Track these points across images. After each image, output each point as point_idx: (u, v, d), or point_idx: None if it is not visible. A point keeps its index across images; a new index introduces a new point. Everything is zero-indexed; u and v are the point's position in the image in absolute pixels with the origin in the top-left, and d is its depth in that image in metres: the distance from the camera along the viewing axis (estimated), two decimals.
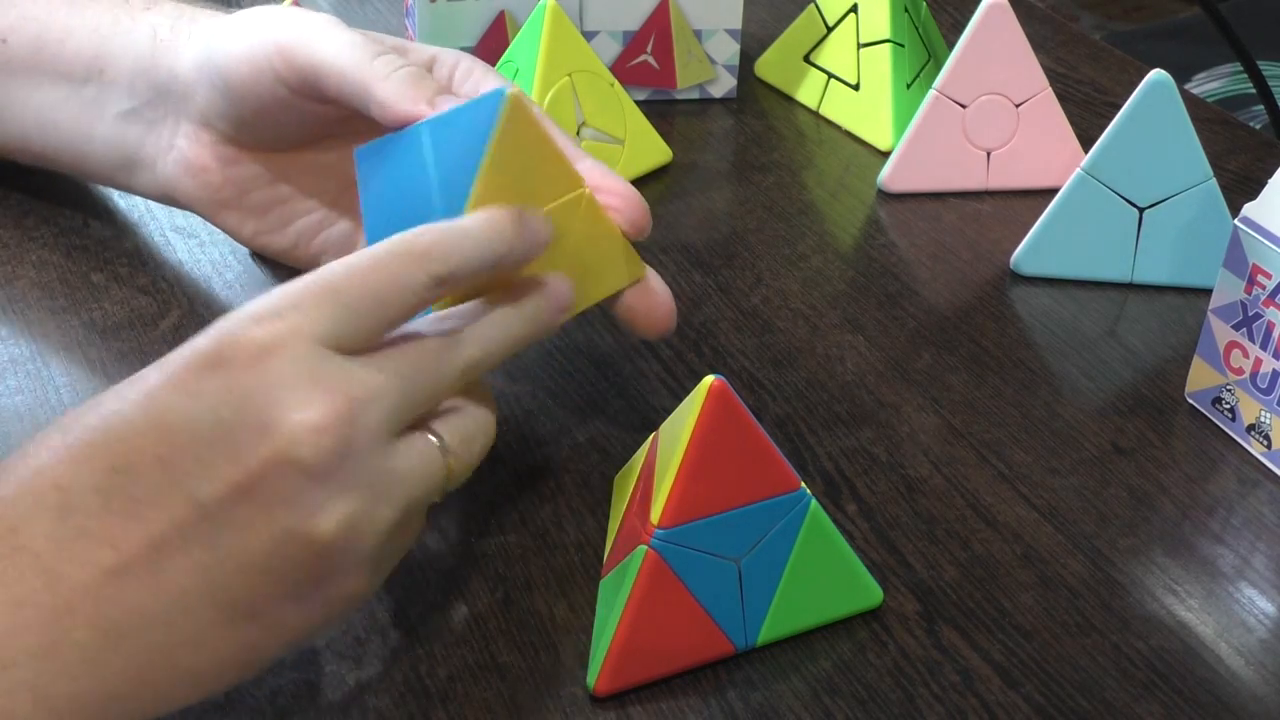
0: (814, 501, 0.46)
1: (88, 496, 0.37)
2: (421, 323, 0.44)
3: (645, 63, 0.79)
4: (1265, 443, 0.57)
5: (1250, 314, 0.57)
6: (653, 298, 0.53)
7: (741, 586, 0.45)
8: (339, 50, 0.51)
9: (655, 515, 0.44)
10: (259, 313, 0.40)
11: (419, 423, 0.43)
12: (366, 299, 0.41)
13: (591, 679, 0.45)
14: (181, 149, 0.58)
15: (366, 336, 0.41)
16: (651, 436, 0.49)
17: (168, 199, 0.60)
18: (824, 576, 0.47)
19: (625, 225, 0.52)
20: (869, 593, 0.48)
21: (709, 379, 0.43)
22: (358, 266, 0.42)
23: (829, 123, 0.80)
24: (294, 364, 0.39)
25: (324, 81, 0.52)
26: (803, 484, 0.45)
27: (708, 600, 0.45)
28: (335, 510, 0.39)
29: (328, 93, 0.52)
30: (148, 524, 0.37)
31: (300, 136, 0.57)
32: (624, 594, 0.44)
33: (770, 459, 0.45)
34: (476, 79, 0.54)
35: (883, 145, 0.77)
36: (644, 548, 0.44)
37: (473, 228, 0.44)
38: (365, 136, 0.52)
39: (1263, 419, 0.57)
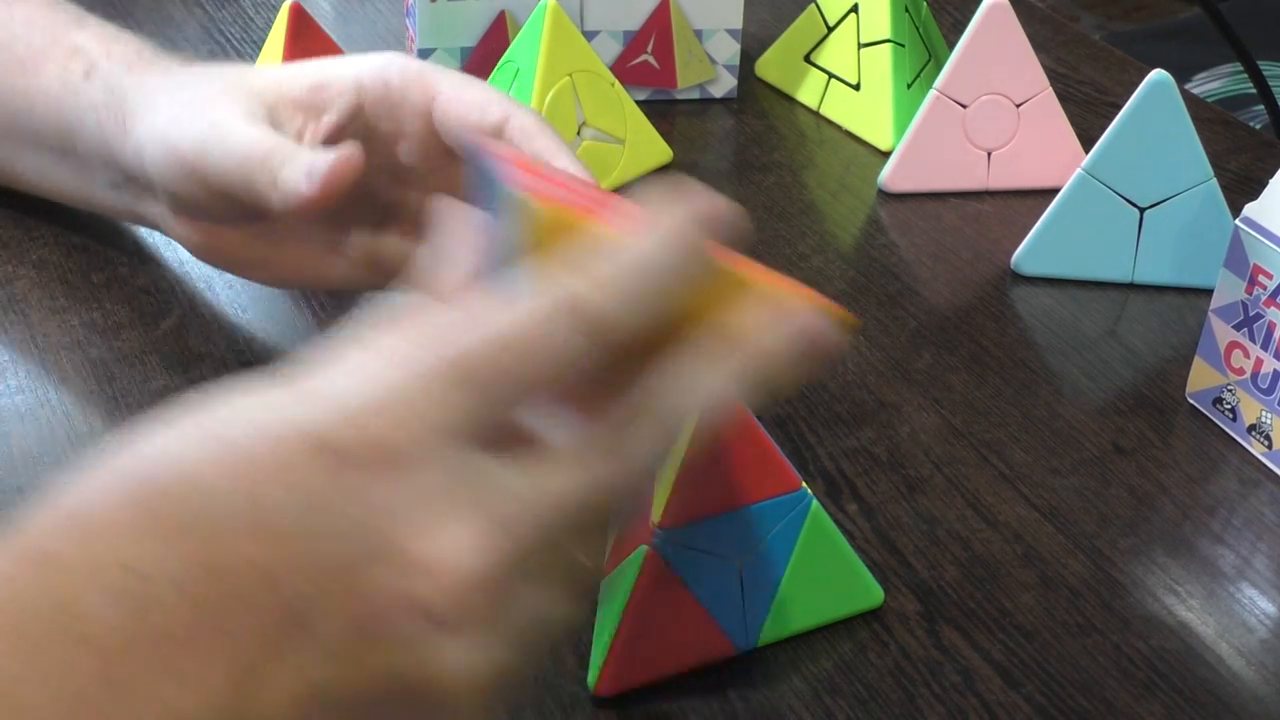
0: (815, 502, 0.46)
1: (172, 593, 0.30)
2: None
3: (646, 63, 0.79)
4: (1266, 443, 0.57)
5: (1251, 314, 0.56)
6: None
7: (742, 587, 0.45)
8: (230, 165, 0.50)
9: (656, 515, 0.44)
10: (385, 400, 0.32)
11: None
12: (511, 378, 0.33)
13: (592, 679, 0.45)
14: (171, 223, 0.56)
15: (508, 417, 0.33)
16: None
17: None
18: (825, 577, 0.47)
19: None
20: (870, 593, 0.48)
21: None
22: (500, 334, 0.33)
23: (829, 123, 0.80)
24: (427, 475, 0.32)
25: (224, 190, 0.50)
26: (804, 484, 0.45)
27: (709, 600, 0.45)
28: (458, 658, 0.32)
29: (234, 194, 0.50)
30: (241, 643, 0.30)
31: (252, 214, 0.53)
32: (624, 594, 0.44)
33: (771, 458, 0.45)
34: (425, 88, 0.51)
35: (883, 145, 0.77)
36: (644, 548, 0.44)
37: (650, 258, 0.34)
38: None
39: (1263, 419, 0.57)
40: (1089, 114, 0.81)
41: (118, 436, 0.33)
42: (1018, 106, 0.72)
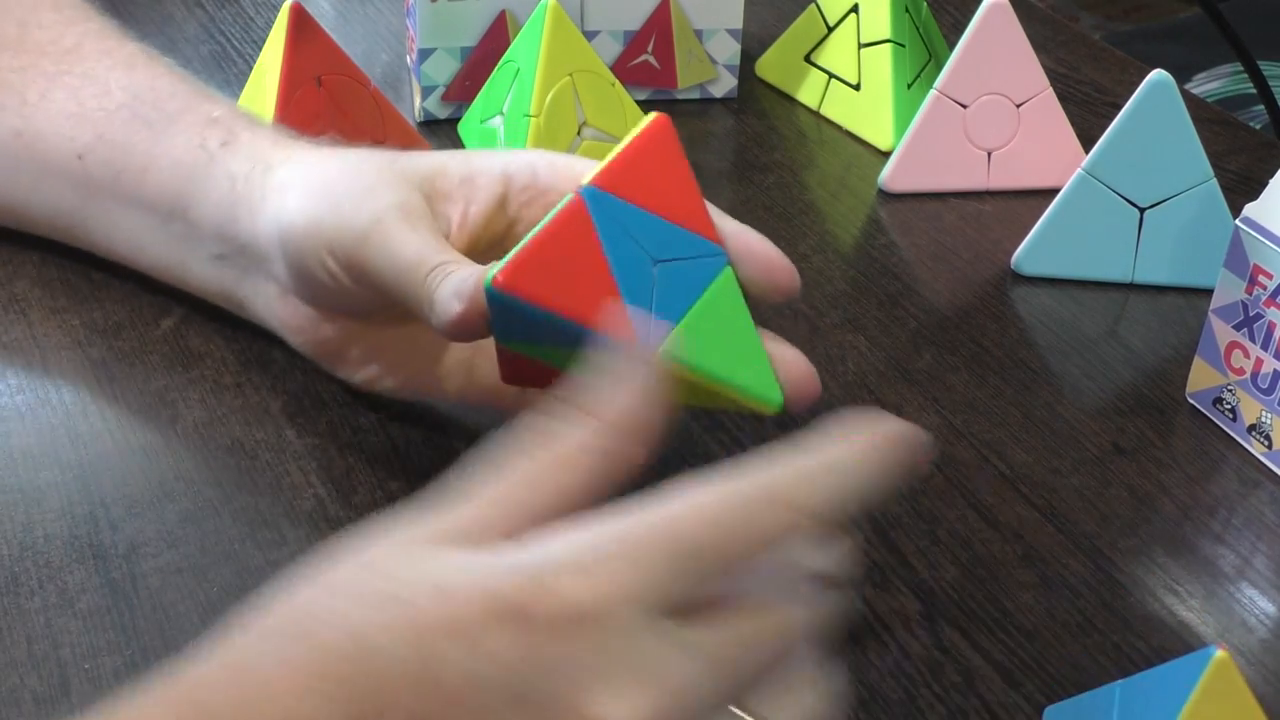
0: (730, 267, 0.47)
1: None
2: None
3: (646, 63, 0.79)
4: (1266, 443, 0.57)
5: (1251, 314, 0.56)
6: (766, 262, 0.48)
7: (654, 287, 0.45)
8: (389, 268, 0.46)
9: (588, 177, 0.45)
10: (583, 559, 0.32)
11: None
12: (713, 553, 0.33)
13: (490, 275, 0.43)
14: (274, 306, 0.54)
15: (700, 591, 0.34)
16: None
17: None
18: (729, 338, 0.47)
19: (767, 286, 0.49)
20: (768, 385, 0.47)
21: (654, 116, 0.47)
22: (711, 511, 0.33)
23: (829, 123, 0.80)
24: (615, 640, 0.32)
25: (374, 285, 0.47)
26: (723, 250, 0.47)
27: (618, 270, 0.44)
28: None
29: (381, 292, 0.47)
30: None
31: (384, 308, 0.51)
32: (538, 225, 0.44)
33: (697, 201, 0.47)
34: (569, 179, 0.49)
35: (883, 145, 0.77)
36: (571, 194, 0.44)
37: (847, 462, 0.36)
38: None
39: (1264, 419, 0.57)
40: (1089, 114, 0.81)
41: (285, 581, 0.34)
42: (1018, 106, 0.72)
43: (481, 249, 0.50)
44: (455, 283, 0.44)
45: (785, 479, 0.34)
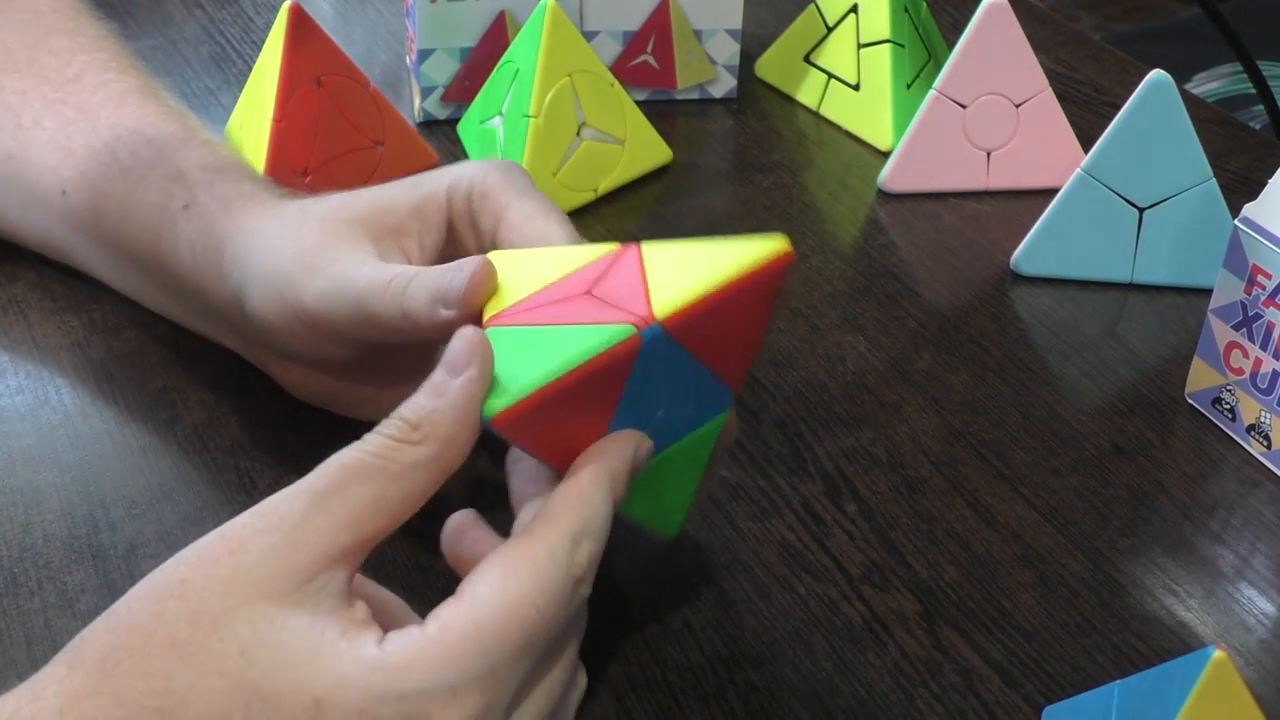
0: (727, 412, 0.45)
1: None
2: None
3: (645, 63, 0.79)
4: (1265, 443, 0.57)
5: (1250, 314, 0.57)
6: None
7: (644, 428, 0.43)
8: (349, 309, 0.46)
9: (661, 310, 0.39)
10: (454, 681, 0.36)
11: None
12: (550, 642, 0.39)
13: (491, 411, 0.39)
14: (261, 361, 0.55)
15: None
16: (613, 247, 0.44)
17: None
18: (663, 476, 0.45)
19: None
20: (671, 522, 0.47)
21: (778, 245, 0.40)
22: (547, 607, 0.38)
23: (829, 123, 0.80)
24: None
25: (343, 333, 0.47)
26: (732, 394, 0.44)
27: (621, 413, 0.42)
28: None
29: (351, 334, 0.47)
30: None
31: (365, 351, 0.50)
32: (570, 354, 0.39)
33: (753, 346, 0.43)
34: (493, 208, 0.48)
35: (883, 145, 0.77)
36: (630, 328, 0.39)
37: (604, 511, 0.40)
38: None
39: (1263, 419, 0.57)
40: (1088, 114, 0.81)
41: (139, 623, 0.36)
42: (1017, 107, 0.72)
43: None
44: (430, 285, 0.44)
45: (568, 550, 0.38)
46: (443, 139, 0.76)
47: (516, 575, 0.37)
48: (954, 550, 0.52)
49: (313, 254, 0.47)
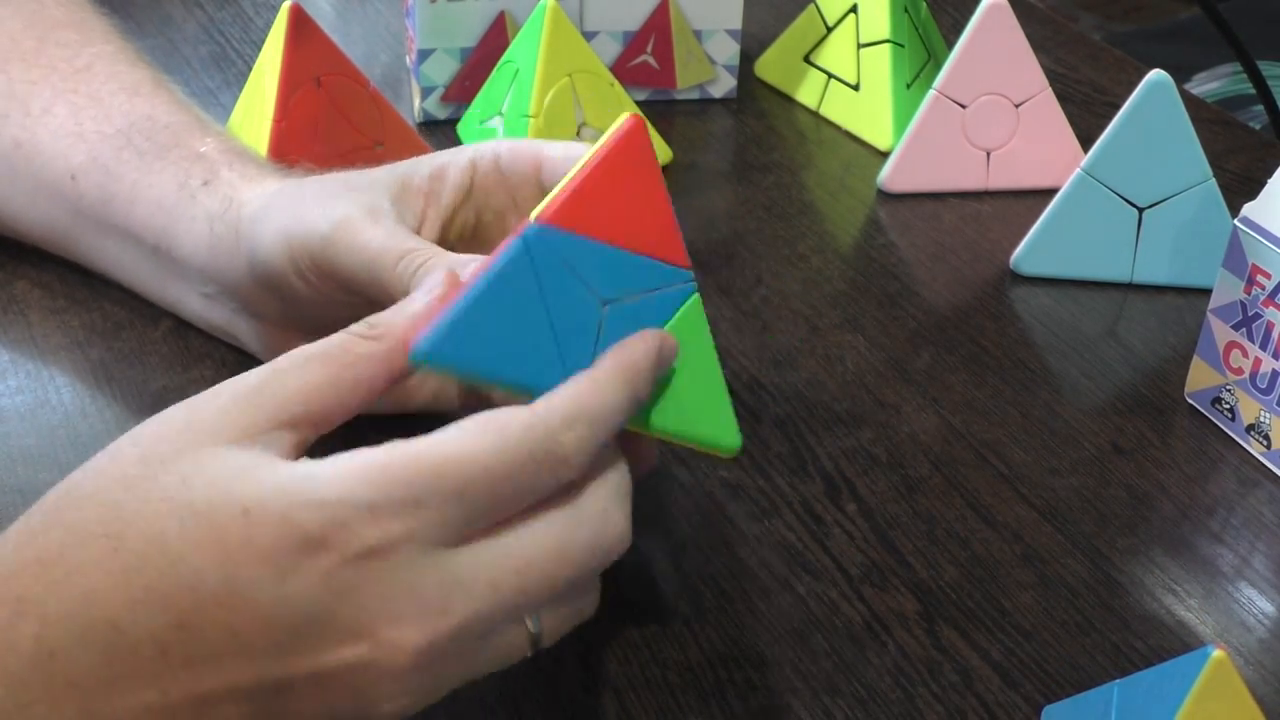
0: (698, 295, 0.45)
1: (144, 645, 0.34)
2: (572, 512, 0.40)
3: (645, 63, 0.79)
4: (1265, 443, 0.57)
5: (1250, 314, 0.57)
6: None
7: (599, 334, 0.42)
8: (357, 263, 0.47)
9: (537, 212, 0.41)
10: (378, 504, 0.36)
11: None
12: (495, 501, 0.38)
13: (414, 349, 0.40)
14: (265, 343, 0.55)
15: (478, 527, 0.38)
16: None
17: None
18: (685, 382, 0.44)
19: None
20: (726, 429, 0.45)
21: (624, 116, 0.42)
22: (495, 467, 0.38)
23: (829, 123, 0.80)
24: (402, 572, 0.36)
25: (349, 285, 0.48)
26: (692, 271, 0.44)
27: (559, 321, 0.41)
28: (402, 700, 0.37)
29: (359, 289, 0.48)
30: (201, 680, 0.35)
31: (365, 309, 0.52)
32: (484, 279, 0.40)
33: (667, 219, 0.43)
34: (528, 156, 0.50)
35: (883, 145, 0.77)
36: (517, 239, 0.40)
37: (614, 404, 0.40)
38: None
39: (1262, 419, 0.57)
40: (1088, 114, 0.81)
41: (87, 472, 0.38)
42: (1017, 107, 0.72)
43: (452, 240, 0.50)
44: (430, 283, 0.44)
45: (567, 446, 0.39)
46: (443, 139, 0.76)
47: (482, 432, 0.38)
48: (954, 550, 0.52)
49: (333, 201, 0.49)
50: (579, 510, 0.40)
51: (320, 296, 0.50)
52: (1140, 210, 0.66)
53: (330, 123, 0.66)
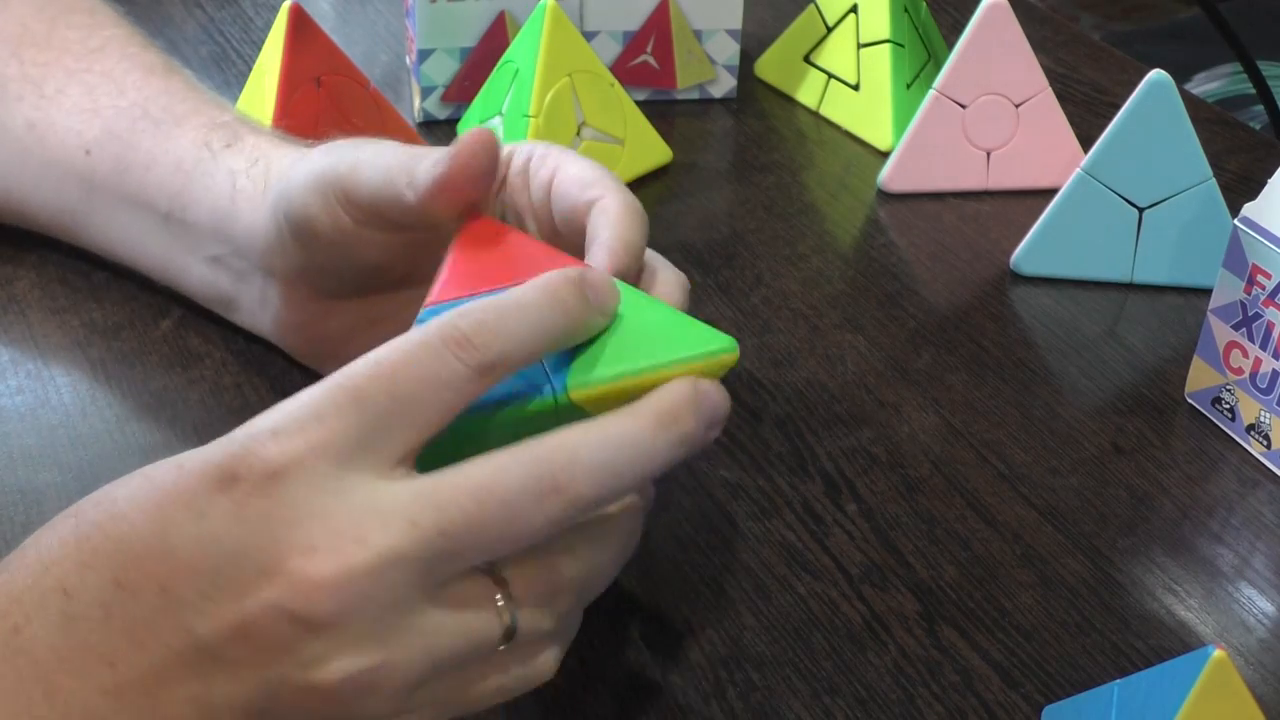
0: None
1: (92, 608, 0.35)
2: (508, 453, 0.37)
3: (645, 63, 0.79)
4: (1265, 442, 0.57)
5: (1250, 314, 0.57)
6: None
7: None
8: (379, 177, 0.47)
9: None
10: (276, 425, 0.36)
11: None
12: (399, 402, 0.36)
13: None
14: (274, 305, 0.55)
15: (404, 446, 0.37)
16: None
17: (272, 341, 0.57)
18: (641, 320, 0.42)
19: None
20: (712, 338, 0.41)
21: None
22: (386, 362, 0.36)
23: (829, 123, 0.80)
24: (307, 492, 0.35)
25: (370, 206, 0.48)
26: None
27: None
28: (339, 664, 0.35)
29: (380, 209, 0.47)
30: (146, 650, 0.35)
31: (388, 273, 0.52)
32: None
33: (540, 250, 0.44)
34: (551, 165, 0.49)
35: (883, 145, 0.77)
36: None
37: (526, 298, 0.39)
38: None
39: (1262, 419, 0.57)
40: (1088, 114, 0.81)
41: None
42: (1017, 106, 0.72)
43: None
44: (437, 153, 0.45)
45: (463, 325, 0.37)
46: (443, 139, 0.76)
47: (380, 347, 0.37)
48: (954, 550, 0.52)
49: (366, 143, 0.49)
50: (511, 453, 0.37)
51: (341, 233, 0.49)
52: (1140, 210, 0.66)
53: (330, 123, 0.66)
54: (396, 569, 0.35)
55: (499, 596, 0.37)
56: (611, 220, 0.46)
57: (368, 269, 0.51)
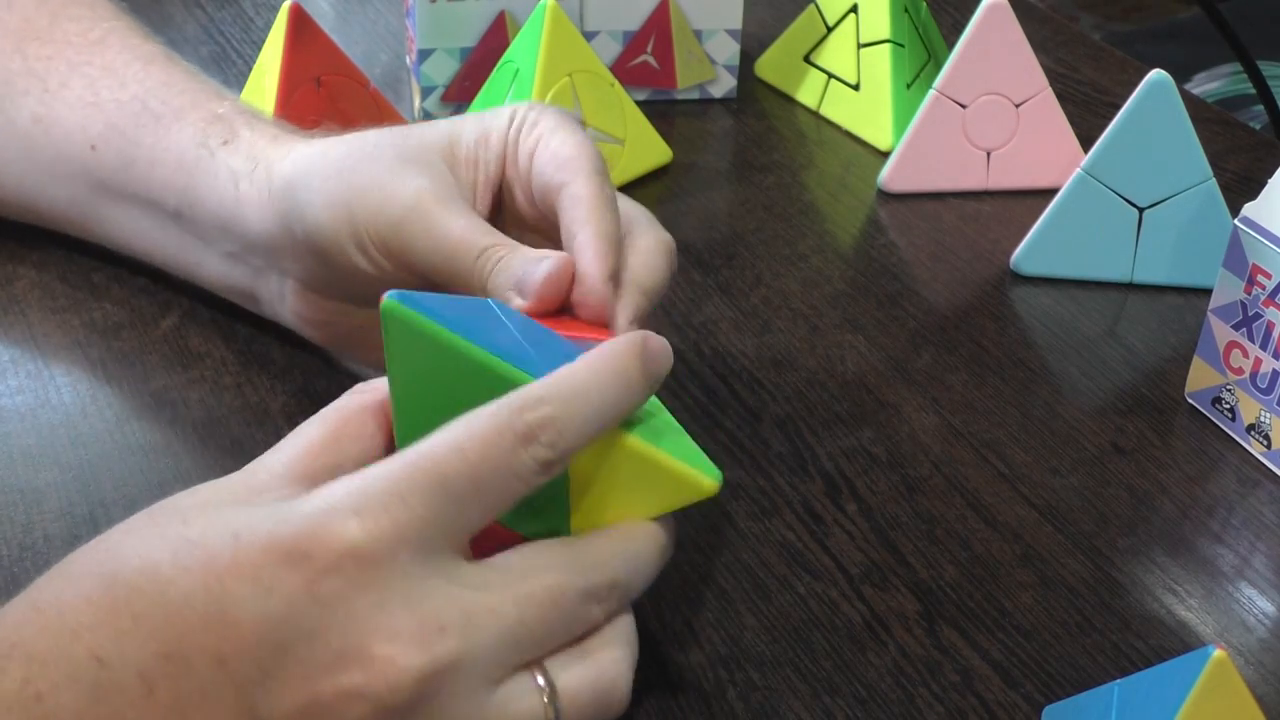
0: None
1: (131, 679, 0.33)
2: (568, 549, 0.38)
3: (645, 63, 0.79)
4: (1265, 442, 0.57)
5: (1250, 314, 0.57)
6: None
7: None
8: (435, 252, 0.46)
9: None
10: (358, 503, 0.35)
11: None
12: (478, 489, 0.36)
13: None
14: (291, 301, 0.54)
15: (472, 530, 0.37)
16: None
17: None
18: (654, 425, 0.42)
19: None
20: (705, 465, 0.42)
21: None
22: (468, 449, 0.36)
23: (829, 123, 0.80)
24: (389, 575, 0.34)
25: (419, 269, 0.47)
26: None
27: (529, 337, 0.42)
28: None
29: (431, 274, 0.47)
30: None
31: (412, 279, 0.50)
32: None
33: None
34: (535, 135, 0.48)
35: (883, 145, 0.77)
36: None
37: (594, 382, 0.38)
38: None
39: (1262, 419, 0.57)
40: (1088, 114, 0.81)
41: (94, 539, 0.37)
42: (1017, 106, 0.72)
43: (496, 207, 0.50)
44: (515, 272, 0.44)
45: (534, 419, 0.37)
46: None
47: (450, 426, 0.37)
48: (954, 550, 0.52)
49: (397, 179, 0.47)
50: (574, 550, 0.38)
51: (379, 272, 0.48)
52: (1140, 210, 0.66)
53: (330, 123, 0.66)
54: (477, 661, 0.35)
55: (545, 695, 0.37)
56: (586, 214, 0.45)
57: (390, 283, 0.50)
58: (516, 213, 0.50)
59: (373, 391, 0.41)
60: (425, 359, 0.39)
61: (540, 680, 0.37)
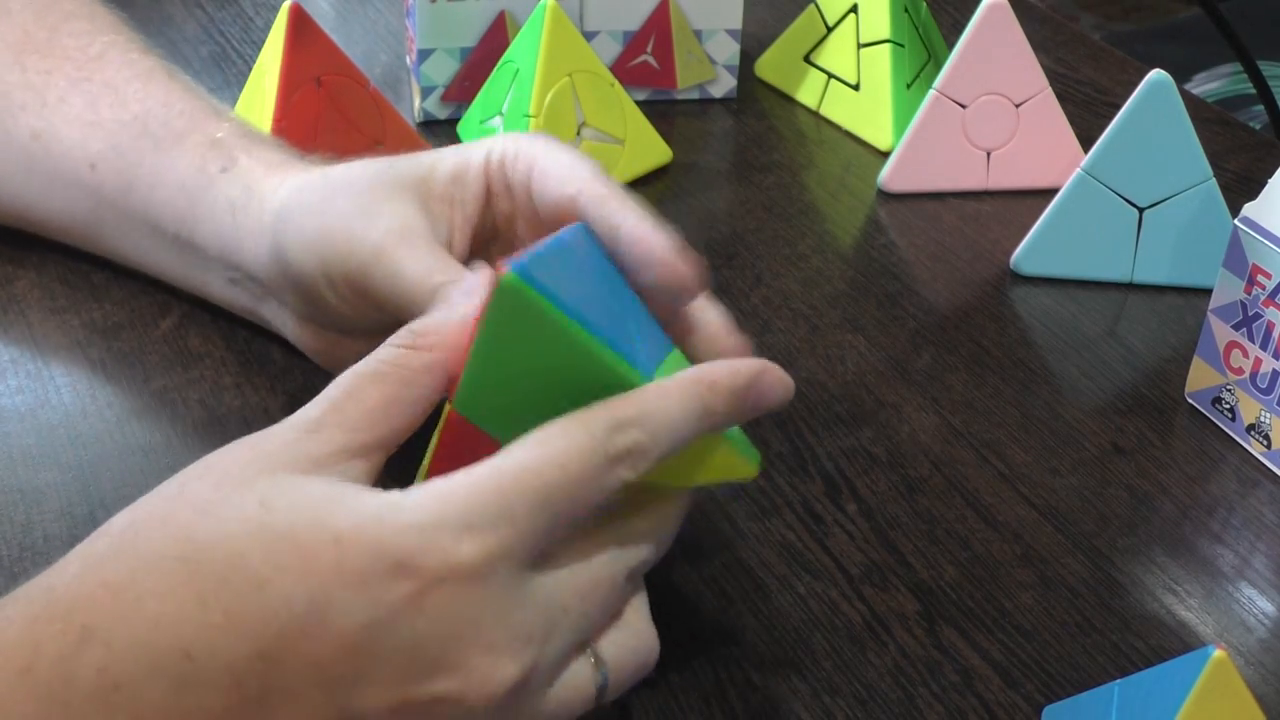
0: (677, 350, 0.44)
1: (219, 674, 0.33)
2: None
3: (645, 63, 0.79)
4: (1265, 442, 0.57)
5: (1250, 314, 0.57)
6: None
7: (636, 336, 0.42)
8: (396, 292, 0.46)
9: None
10: (468, 519, 0.35)
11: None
12: (571, 507, 0.37)
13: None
14: (292, 327, 0.54)
15: (554, 541, 0.38)
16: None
17: None
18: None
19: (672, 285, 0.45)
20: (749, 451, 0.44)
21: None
22: (570, 466, 0.37)
23: (829, 123, 0.80)
24: (490, 592, 0.35)
25: (384, 308, 0.47)
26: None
27: (617, 301, 0.42)
28: None
29: (389, 314, 0.47)
30: (272, 716, 0.33)
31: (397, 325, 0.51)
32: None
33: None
34: (525, 164, 0.48)
35: (883, 145, 0.77)
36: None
37: (681, 418, 0.39)
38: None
39: (1262, 419, 0.57)
40: (1088, 114, 0.81)
41: (156, 497, 0.36)
42: (1017, 106, 0.72)
43: (483, 241, 0.50)
44: (469, 285, 0.44)
45: (624, 442, 0.38)
46: (443, 139, 0.76)
47: (547, 438, 0.37)
48: (954, 550, 0.52)
49: (367, 220, 0.47)
50: (620, 536, 0.40)
51: (353, 310, 0.49)
52: (1140, 210, 0.66)
53: (330, 123, 0.66)
54: (552, 662, 0.37)
55: (595, 668, 0.39)
56: (617, 206, 0.45)
57: (380, 323, 0.49)
58: (527, 245, 0.50)
59: (438, 348, 0.41)
60: (531, 339, 0.39)
61: (591, 658, 0.39)
